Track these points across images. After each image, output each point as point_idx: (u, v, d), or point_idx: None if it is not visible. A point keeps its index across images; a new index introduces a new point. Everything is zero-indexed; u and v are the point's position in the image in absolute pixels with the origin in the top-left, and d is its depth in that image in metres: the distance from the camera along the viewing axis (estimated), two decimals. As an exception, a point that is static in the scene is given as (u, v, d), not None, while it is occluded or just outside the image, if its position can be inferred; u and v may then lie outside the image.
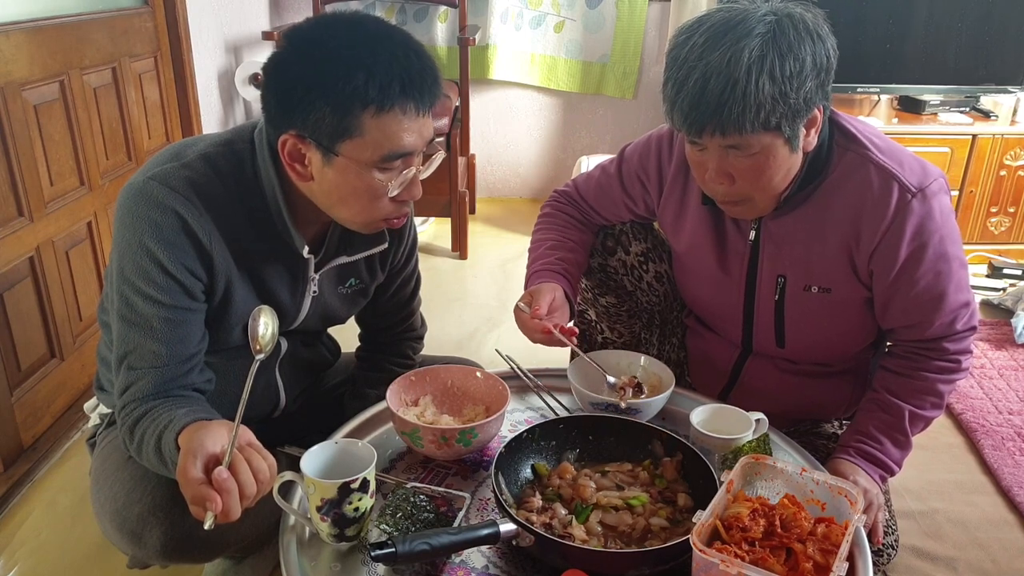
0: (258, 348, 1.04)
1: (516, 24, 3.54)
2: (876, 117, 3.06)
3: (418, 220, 3.33)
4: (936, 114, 3.07)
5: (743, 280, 1.40)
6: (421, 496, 1.09)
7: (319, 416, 1.43)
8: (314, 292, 1.27)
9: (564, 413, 1.36)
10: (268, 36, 2.97)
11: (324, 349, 1.47)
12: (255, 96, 2.99)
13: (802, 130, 1.17)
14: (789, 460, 1.24)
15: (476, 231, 3.38)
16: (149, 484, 1.13)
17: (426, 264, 3.02)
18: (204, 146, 1.14)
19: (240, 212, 1.13)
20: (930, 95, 3.09)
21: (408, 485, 1.14)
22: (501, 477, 1.13)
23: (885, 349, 1.43)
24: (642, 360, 1.42)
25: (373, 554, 0.94)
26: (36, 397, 1.85)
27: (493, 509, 1.14)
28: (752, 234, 1.35)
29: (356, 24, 1.08)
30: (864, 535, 1.07)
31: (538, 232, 1.53)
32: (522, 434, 1.18)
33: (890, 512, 1.38)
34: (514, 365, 1.47)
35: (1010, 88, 3.08)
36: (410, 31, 1.11)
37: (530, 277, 1.44)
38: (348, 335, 1.55)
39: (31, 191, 1.82)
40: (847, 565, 0.94)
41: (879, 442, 1.31)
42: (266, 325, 1.06)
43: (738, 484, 1.07)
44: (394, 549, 0.94)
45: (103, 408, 1.35)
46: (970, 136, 2.95)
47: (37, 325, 1.86)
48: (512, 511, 1.04)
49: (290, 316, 1.26)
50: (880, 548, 1.30)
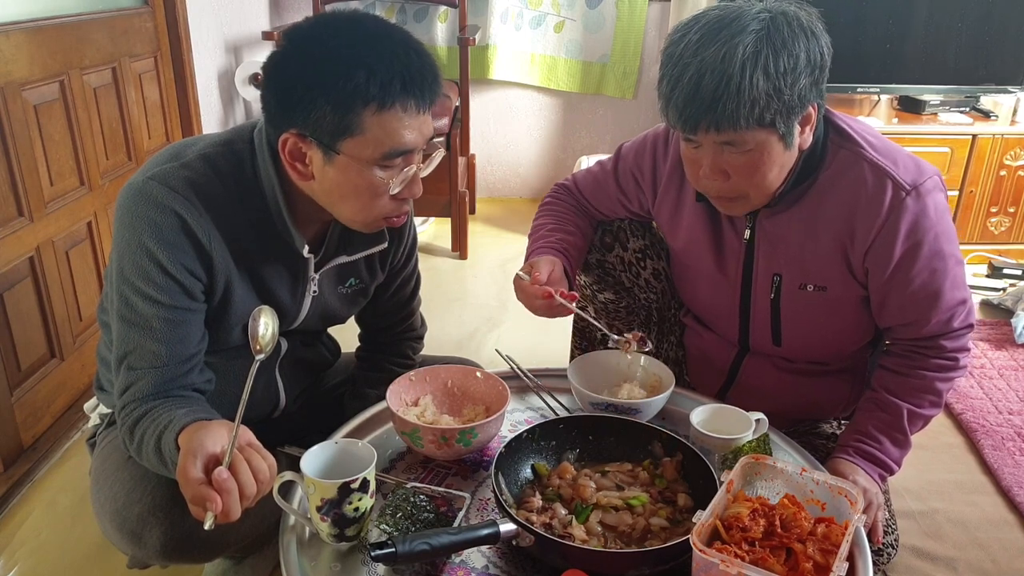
0: (258, 348, 1.04)
1: (516, 24, 3.54)
2: (876, 117, 3.06)
3: (418, 220, 3.34)
4: (936, 114, 3.07)
5: (739, 278, 1.40)
6: (421, 496, 1.09)
7: (319, 416, 1.43)
8: (314, 292, 1.27)
9: (564, 413, 1.36)
10: (268, 36, 2.97)
11: (324, 349, 1.47)
12: (255, 96, 2.99)
13: (797, 127, 1.17)
14: (789, 460, 1.24)
15: (476, 231, 3.38)
16: (149, 484, 1.13)
17: (426, 264, 3.02)
18: (203, 146, 1.14)
19: (240, 212, 1.13)
20: (930, 95, 3.09)
21: (408, 485, 1.14)
22: (501, 477, 1.13)
23: (883, 348, 1.43)
24: (642, 360, 1.42)
25: (373, 554, 0.94)
26: (36, 397, 1.85)
27: (493, 509, 1.14)
28: (747, 233, 1.35)
29: (356, 22, 1.08)
30: (864, 535, 1.07)
31: (538, 219, 1.54)
32: (522, 434, 1.18)
33: (890, 511, 1.39)
34: (514, 365, 1.47)
35: (1010, 88, 3.08)
36: (410, 31, 1.11)
37: (530, 255, 1.45)
38: (348, 335, 1.55)
39: (31, 191, 1.82)
40: (847, 565, 0.94)
41: (878, 441, 1.31)
42: (266, 325, 1.06)
43: (738, 484, 1.07)
44: (394, 549, 0.94)
45: (103, 408, 1.35)
46: (970, 136, 2.95)
47: (37, 325, 1.86)
48: (512, 511, 1.04)
49: (290, 316, 1.26)
50: (880, 547, 1.30)
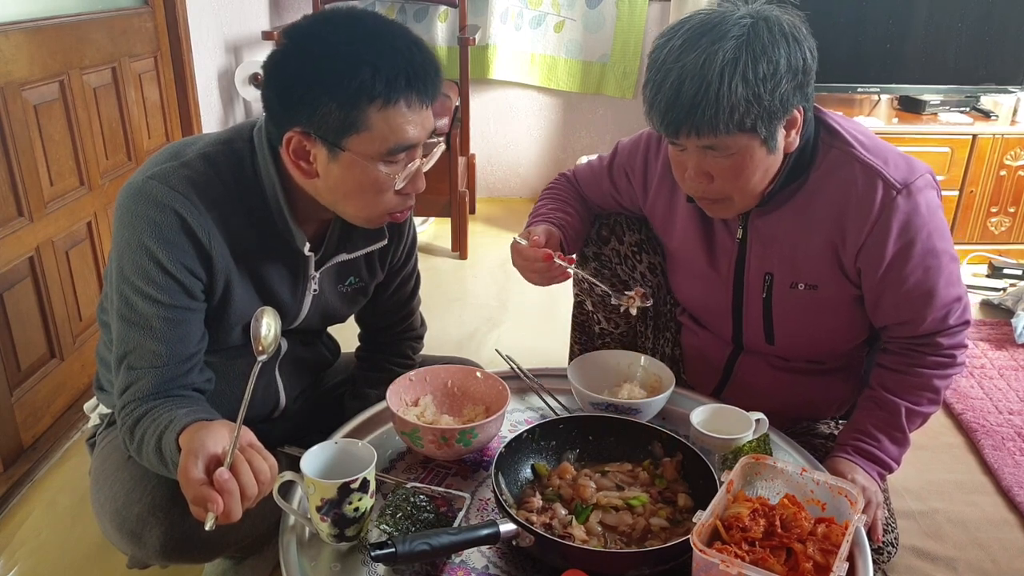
0: (260, 349, 1.04)
1: (516, 24, 3.54)
2: (876, 117, 3.06)
3: (418, 220, 3.33)
4: (936, 114, 3.06)
5: (731, 277, 1.41)
6: (421, 496, 1.09)
7: (319, 416, 1.43)
8: (314, 291, 1.27)
9: (564, 413, 1.36)
10: (268, 36, 2.97)
11: (324, 349, 1.47)
12: (255, 96, 2.99)
13: (780, 131, 1.18)
14: (789, 460, 1.24)
15: (476, 231, 3.38)
16: (149, 484, 1.13)
17: (426, 264, 3.02)
18: (203, 145, 1.14)
19: (240, 211, 1.13)
20: (930, 95, 3.09)
21: (408, 485, 1.14)
22: (501, 477, 1.13)
23: (881, 347, 1.43)
24: (642, 360, 1.42)
25: (373, 554, 0.94)
26: (36, 397, 1.85)
27: (493, 509, 1.14)
28: (739, 232, 1.36)
29: (356, 19, 1.08)
30: (864, 535, 1.07)
31: (539, 201, 1.57)
32: (522, 434, 1.18)
33: (889, 510, 1.39)
34: (514, 365, 1.47)
35: (1010, 88, 3.08)
36: (410, 31, 1.12)
37: (527, 228, 1.47)
38: (348, 335, 1.55)
39: (31, 191, 1.82)
40: (847, 565, 0.94)
41: (877, 440, 1.32)
42: (268, 326, 1.05)
43: (738, 484, 1.07)
44: (394, 549, 0.94)
45: (103, 408, 1.35)
46: (970, 136, 2.94)
47: (37, 325, 1.86)
48: (512, 511, 1.05)
49: (291, 315, 1.26)
50: (880, 546, 1.30)
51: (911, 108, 3.13)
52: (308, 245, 1.19)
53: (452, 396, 1.34)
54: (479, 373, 1.35)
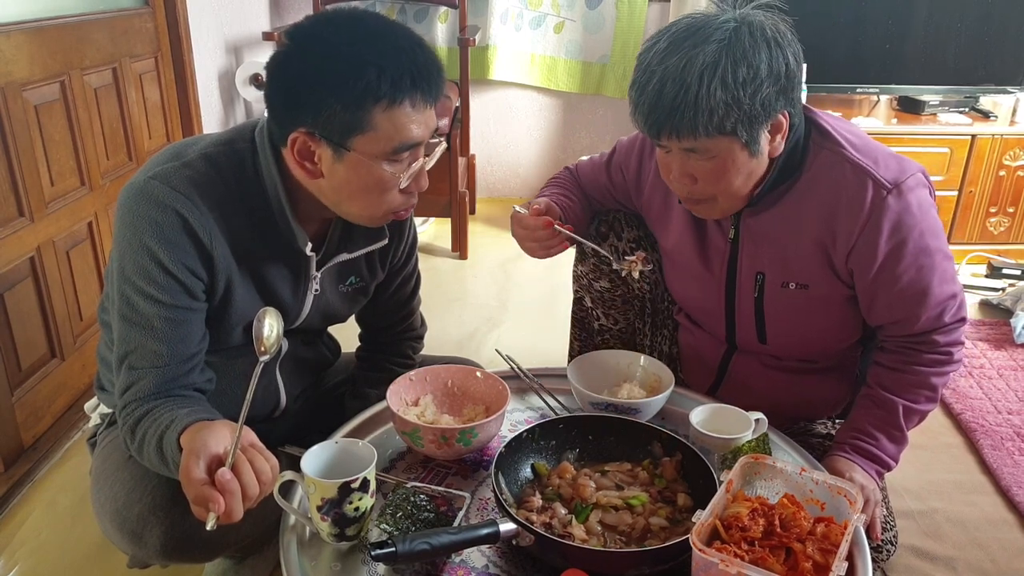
0: (263, 350, 1.04)
1: (516, 24, 3.54)
2: (875, 117, 3.06)
3: (418, 220, 3.34)
4: (936, 114, 3.07)
5: (723, 277, 1.41)
6: (421, 496, 1.09)
7: (319, 416, 1.43)
8: (315, 291, 1.27)
9: (564, 413, 1.37)
10: (268, 36, 2.97)
11: (324, 348, 1.47)
12: (255, 96, 2.99)
13: (764, 135, 1.19)
14: (788, 460, 1.24)
15: (476, 231, 3.38)
16: (149, 484, 1.13)
17: (426, 264, 3.02)
18: (205, 145, 1.15)
19: (241, 211, 1.13)
20: (930, 95, 3.09)
21: (408, 485, 1.14)
22: (501, 477, 1.13)
23: (875, 346, 1.43)
24: (642, 360, 1.42)
25: (373, 554, 0.94)
26: (36, 397, 1.85)
27: (493, 509, 1.14)
28: (732, 232, 1.37)
29: (358, 20, 1.08)
30: (863, 535, 1.07)
31: (543, 189, 1.59)
32: (522, 434, 1.18)
33: (888, 508, 1.39)
34: (514, 365, 1.47)
35: (1010, 88, 3.08)
36: (409, 31, 1.12)
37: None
38: (348, 335, 1.55)
39: (32, 191, 1.82)
40: (847, 565, 0.95)
41: (874, 438, 1.32)
42: (271, 327, 1.05)
43: (738, 484, 1.07)
44: (394, 549, 0.94)
45: (103, 408, 1.35)
46: (969, 136, 2.94)
47: (37, 325, 1.86)
48: (512, 511, 1.05)
49: (292, 315, 1.27)
50: (879, 544, 1.31)
51: (910, 108, 3.13)
52: (310, 245, 1.19)
53: (452, 396, 1.34)
54: (479, 373, 1.35)
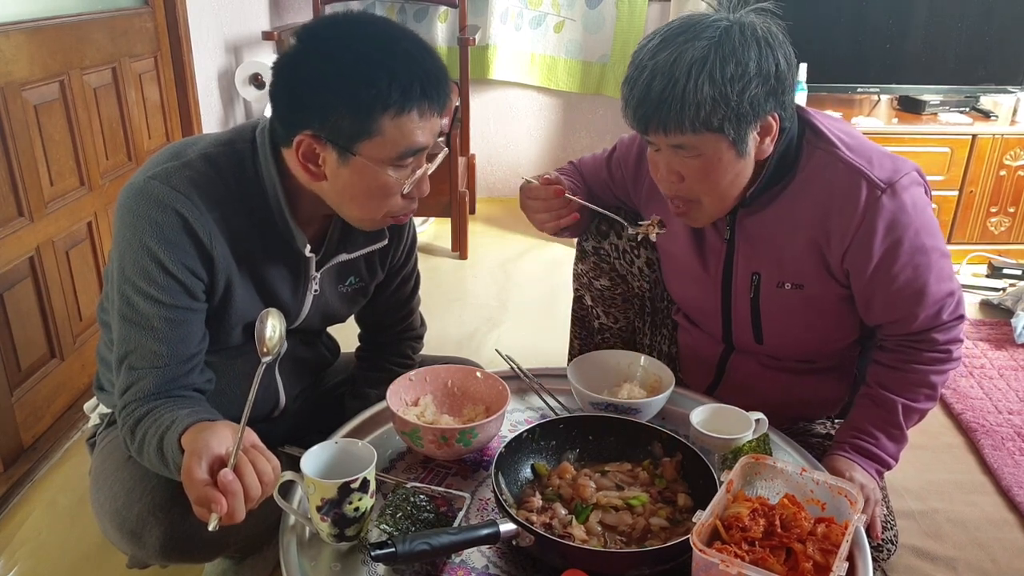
0: (265, 351, 1.04)
1: (516, 24, 3.54)
2: (876, 117, 3.06)
3: (418, 220, 3.34)
4: (936, 114, 3.06)
5: (719, 277, 1.42)
6: (421, 496, 1.09)
7: (319, 416, 1.43)
8: (315, 291, 1.27)
9: (564, 413, 1.37)
10: (268, 36, 2.97)
11: (324, 348, 1.47)
12: (255, 96, 2.99)
13: (752, 136, 1.19)
14: (789, 460, 1.24)
15: (476, 231, 3.38)
16: (149, 484, 1.13)
17: (426, 264, 3.02)
18: (205, 145, 1.14)
19: (241, 211, 1.13)
20: (930, 95, 3.09)
21: (408, 485, 1.14)
22: (501, 477, 1.13)
23: (874, 345, 1.43)
24: (642, 360, 1.42)
25: (373, 554, 0.94)
26: (36, 397, 1.85)
27: (493, 509, 1.14)
28: (727, 232, 1.37)
29: (368, 25, 1.09)
30: (864, 535, 1.07)
31: None
32: (522, 434, 1.18)
33: (888, 508, 1.39)
34: (514, 365, 1.47)
35: (1010, 88, 3.08)
36: (409, 32, 1.12)
37: None
38: (348, 335, 1.55)
39: (31, 191, 1.82)
40: (847, 565, 0.94)
41: (874, 437, 1.32)
42: (274, 328, 1.05)
43: (738, 484, 1.07)
44: (394, 549, 0.94)
45: (103, 408, 1.35)
46: (970, 136, 2.94)
47: (37, 325, 1.86)
48: (512, 511, 1.05)
49: (291, 315, 1.27)
50: (879, 543, 1.31)
51: (911, 108, 3.13)
52: (309, 246, 1.19)
53: (452, 396, 1.34)
54: (479, 373, 1.35)
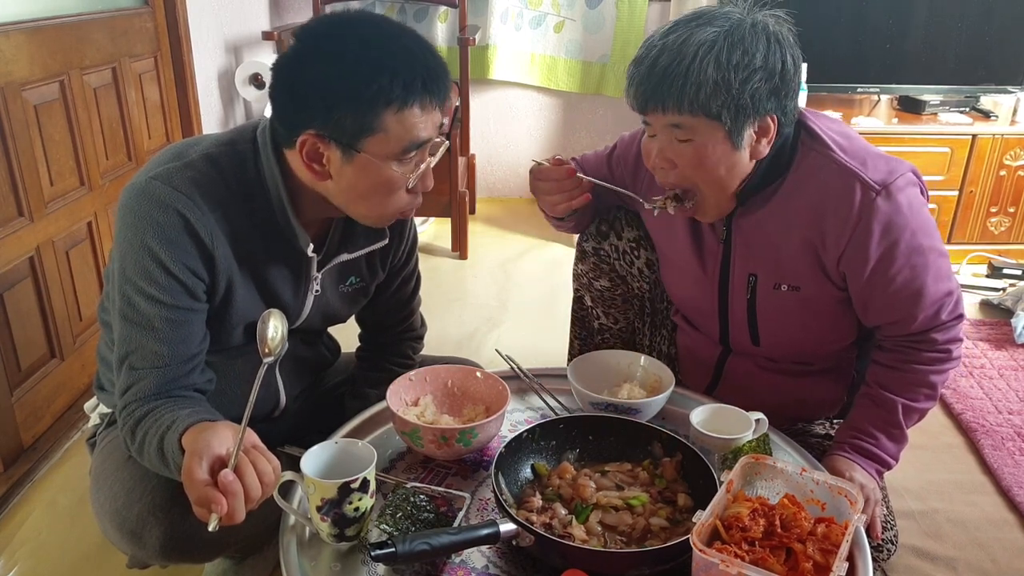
0: (267, 351, 1.03)
1: (516, 24, 3.54)
2: (876, 117, 3.06)
3: (418, 220, 3.33)
4: (936, 114, 3.06)
5: (716, 278, 1.42)
6: (421, 496, 1.09)
7: (319, 416, 1.43)
8: (316, 291, 1.27)
9: (564, 413, 1.37)
10: (268, 36, 2.97)
11: (324, 348, 1.47)
12: (255, 96, 2.99)
13: (749, 131, 1.19)
14: (789, 460, 1.24)
15: (476, 231, 3.38)
16: (149, 484, 1.13)
17: (426, 264, 3.02)
18: (206, 146, 1.14)
19: (243, 212, 1.13)
20: (930, 95, 3.09)
21: (408, 485, 1.14)
22: (501, 477, 1.13)
23: (873, 345, 1.42)
24: (642, 360, 1.42)
25: (373, 554, 0.94)
26: (36, 397, 1.85)
27: (493, 509, 1.14)
28: (723, 233, 1.37)
29: (367, 23, 1.09)
30: (864, 535, 1.07)
31: None
32: (522, 434, 1.18)
33: (888, 507, 1.39)
34: (514, 365, 1.47)
35: (1010, 88, 3.08)
36: (410, 32, 1.12)
37: None
38: (348, 335, 1.55)
39: (31, 191, 1.82)
40: (847, 565, 0.94)
41: (874, 437, 1.32)
42: (276, 328, 1.05)
43: (738, 484, 1.07)
44: (394, 549, 0.94)
45: (103, 408, 1.35)
46: (970, 136, 2.94)
47: (37, 325, 1.86)
48: (512, 511, 1.05)
49: (292, 315, 1.26)
50: (879, 543, 1.31)
51: (911, 108, 3.13)
52: (311, 246, 1.19)
53: (452, 396, 1.34)
54: (479, 373, 1.35)
